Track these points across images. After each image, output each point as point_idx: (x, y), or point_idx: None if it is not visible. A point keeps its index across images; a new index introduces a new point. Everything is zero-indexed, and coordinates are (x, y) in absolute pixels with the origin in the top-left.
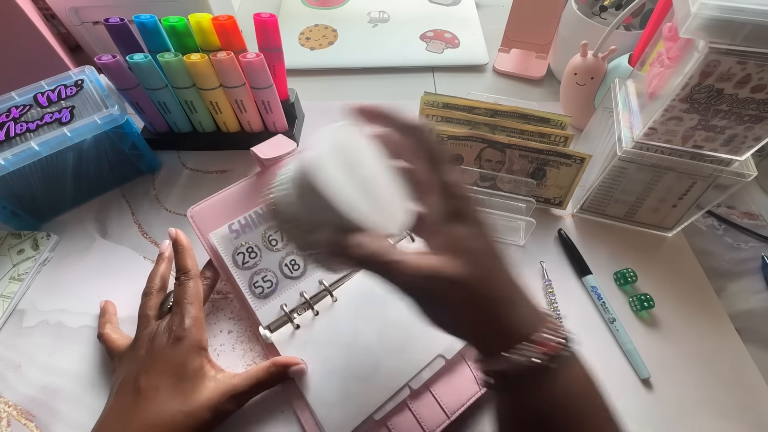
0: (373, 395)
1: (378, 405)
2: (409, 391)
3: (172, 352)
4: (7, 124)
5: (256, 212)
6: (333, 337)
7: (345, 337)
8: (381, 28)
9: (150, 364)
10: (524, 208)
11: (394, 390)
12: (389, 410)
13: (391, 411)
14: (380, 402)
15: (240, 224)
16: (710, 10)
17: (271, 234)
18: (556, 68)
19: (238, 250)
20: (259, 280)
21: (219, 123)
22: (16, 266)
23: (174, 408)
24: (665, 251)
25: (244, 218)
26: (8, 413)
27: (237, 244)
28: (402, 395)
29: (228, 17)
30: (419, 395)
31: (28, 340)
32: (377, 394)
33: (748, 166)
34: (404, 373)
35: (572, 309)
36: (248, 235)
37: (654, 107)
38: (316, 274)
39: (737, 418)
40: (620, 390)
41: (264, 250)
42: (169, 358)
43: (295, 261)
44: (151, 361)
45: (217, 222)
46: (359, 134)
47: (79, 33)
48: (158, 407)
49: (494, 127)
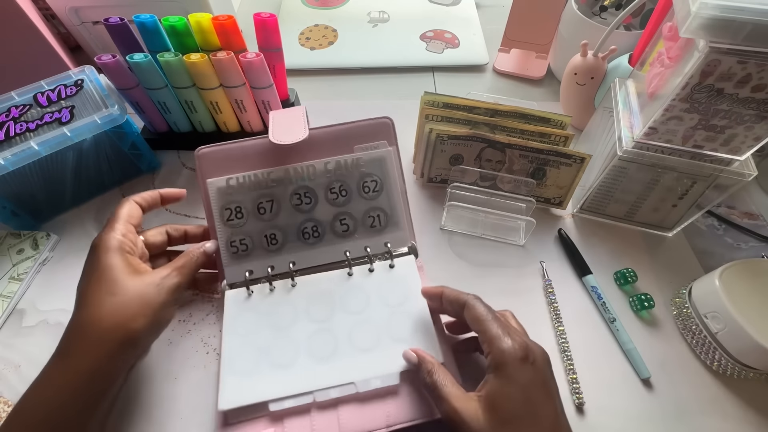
0: (278, 386)
1: (277, 397)
2: (313, 400)
3: (90, 259)
4: (7, 124)
5: (255, 174)
6: (273, 316)
7: (283, 321)
8: (381, 28)
9: (87, 273)
10: (524, 208)
11: (299, 392)
12: (287, 407)
13: (290, 409)
14: (281, 395)
15: (238, 181)
16: (710, 9)
17: (262, 202)
18: (556, 68)
19: (227, 206)
20: (237, 240)
21: (219, 123)
22: (15, 266)
23: (112, 305)
24: (665, 251)
25: (243, 176)
26: (8, 413)
27: (229, 200)
28: (306, 400)
29: (228, 17)
30: (325, 408)
31: (28, 340)
32: (283, 387)
33: (748, 166)
34: (316, 381)
35: (572, 309)
36: (242, 195)
37: (654, 107)
38: (290, 255)
39: (737, 418)
40: (620, 390)
41: (251, 214)
42: (100, 263)
43: (275, 235)
44: (87, 270)
45: (219, 171)
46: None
47: (79, 33)
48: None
49: (494, 127)
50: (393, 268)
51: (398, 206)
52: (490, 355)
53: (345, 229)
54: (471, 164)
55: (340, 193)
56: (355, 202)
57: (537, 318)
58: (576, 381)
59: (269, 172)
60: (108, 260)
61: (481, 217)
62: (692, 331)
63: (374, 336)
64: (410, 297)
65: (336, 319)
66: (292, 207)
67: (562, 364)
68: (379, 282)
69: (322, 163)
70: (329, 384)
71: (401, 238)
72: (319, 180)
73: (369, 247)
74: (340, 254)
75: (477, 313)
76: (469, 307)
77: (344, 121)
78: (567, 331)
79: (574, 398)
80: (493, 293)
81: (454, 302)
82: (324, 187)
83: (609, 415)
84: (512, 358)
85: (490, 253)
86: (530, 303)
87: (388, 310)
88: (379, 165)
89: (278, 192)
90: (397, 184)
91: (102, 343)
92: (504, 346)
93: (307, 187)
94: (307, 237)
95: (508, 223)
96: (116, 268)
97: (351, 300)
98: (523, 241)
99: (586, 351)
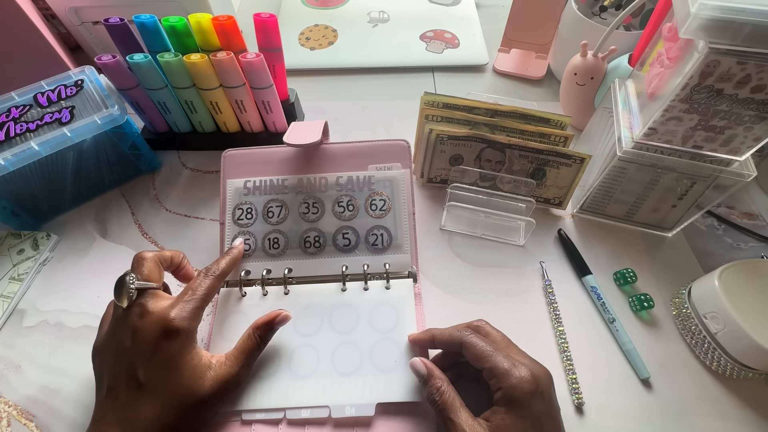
0: (253, 397)
1: (249, 408)
2: (284, 416)
3: (168, 344)
4: (7, 124)
5: (271, 180)
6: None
7: None
8: (381, 28)
9: (145, 356)
10: (524, 208)
11: (271, 406)
12: (258, 419)
13: (259, 421)
14: (254, 407)
15: (254, 184)
16: (710, 10)
17: (272, 206)
18: (556, 68)
19: (239, 206)
20: (242, 240)
21: (219, 123)
22: (16, 266)
23: (181, 401)
24: (665, 251)
25: (260, 180)
26: (8, 413)
27: (242, 201)
28: (277, 415)
29: (228, 17)
30: (294, 426)
31: (28, 340)
32: (257, 399)
33: (748, 166)
34: (290, 398)
35: (572, 309)
36: (255, 197)
37: (654, 107)
38: (288, 261)
39: (737, 418)
40: (620, 390)
41: (260, 217)
42: (164, 350)
43: (277, 240)
44: (146, 353)
45: (239, 173)
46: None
47: (79, 33)
48: (164, 400)
49: (494, 127)
50: (388, 290)
51: (403, 229)
52: (501, 391)
53: (346, 244)
54: (471, 164)
55: (347, 208)
56: (361, 218)
57: (537, 318)
58: (575, 381)
59: (284, 179)
60: (188, 355)
61: (481, 218)
62: (692, 332)
63: (357, 360)
64: (400, 324)
65: (321, 335)
66: (299, 215)
67: (561, 364)
68: (372, 302)
69: (334, 177)
70: (303, 403)
71: (402, 262)
72: (329, 192)
73: (368, 264)
74: (338, 268)
75: (478, 351)
76: (467, 346)
77: (362, 140)
78: (567, 331)
79: (574, 398)
80: (493, 293)
81: (448, 344)
82: (332, 200)
83: (608, 415)
84: (523, 392)
85: (490, 254)
86: (530, 303)
87: (375, 335)
88: (390, 185)
89: (289, 198)
90: (406, 207)
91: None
92: (514, 382)
93: (317, 197)
94: (308, 246)
95: (508, 223)
96: (198, 367)
97: (340, 318)
98: (523, 242)
99: (586, 351)
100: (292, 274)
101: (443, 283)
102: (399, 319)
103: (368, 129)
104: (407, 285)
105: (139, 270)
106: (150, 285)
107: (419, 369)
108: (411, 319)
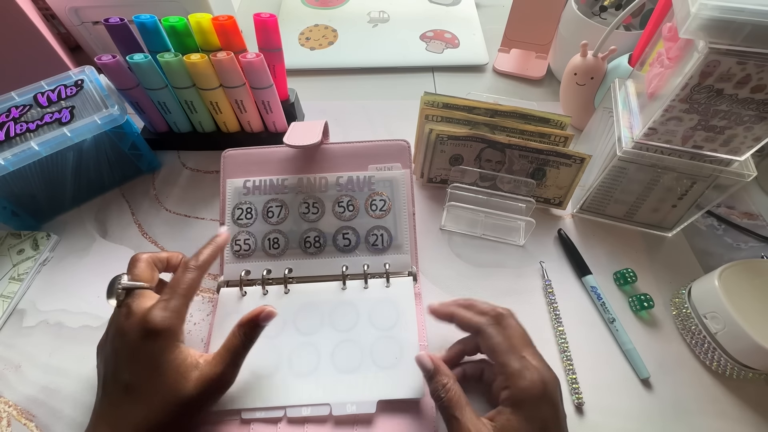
0: (253, 395)
1: (249, 406)
2: (284, 414)
3: (149, 344)
4: (7, 124)
5: (271, 180)
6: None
7: (270, 330)
8: (381, 28)
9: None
10: (524, 208)
11: (271, 404)
12: (258, 417)
13: (258, 419)
14: (253, 405)
15: (254, 184)
16: (710, 10)
17: (272, 205)
18: (556, 68)
19: (239, 206)
20: (241, 240)
21: (219, 123)
22: (16, 266)
23: (165, 401)
24: (665, 251)
25: (260, 180)
26: (8, 413)
27: (242, 200)
28: (277, 414)
29: (228, 17)
30: (294, 424)
31: (28, 340)
32: (257, 397)
33: (748, 166)
34: (290, 396)
35: (572, 309)
36: (254, 197)
37: (654, 107)
38: (288, 261)
39: (736, 418)
40: (620, 390)
41: (259, 217)
42: (145, 350)
43: (277, 240)
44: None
45: (239, 173)
46: None
47: (79, 33)
48: (149, 400)
49: (494, 127)
50: (389, 288)
51: (404, 229)
52: (508, 390)
53: (346, 244)
54: (471, 164)
55: (347, 208)
56: (361, 218)
57: (537, 318)
58: (575, 381)
59: (284, 179)
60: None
61: (481, 218)
62: (691, 332)
63: (357, 358)
64: (400, 322)
65: (322, 334)
66: (299, 215)
67: (561, 364)
68: (372, 300)
69: (334, 177)
70: (303, 401)
71: (402, 262)
72: (329, 192)
73: (368, 264)
74: (338, 268)
75: (493, 344)
76: (485, 336)
77: (362, 140)
78: (567, 331)
79: (574, 398)
80: (493, 293)
81: (466, 327)
82: (332, 200)
83: (608, 415)
84: (531, 396)
85: (490, 254)
86: (530, 303)
87: (375, 333)
88: (390, 185)
89: (289, 198)
90: (405, 207)
91: None
92: (523, 385)
93: (317, 197)
94: (308, 246)
95: (508, 223)
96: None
97: (340, 316)
98: (523, 242)
99: (586, 351)
100: (292, 275)
101: (443, 283)
102: (399, 316)
103: (368, 129)
104: (407, 283)
105: (131, 270)
106: (137, 285)
107: (425, 363)
108: (411, 316)
